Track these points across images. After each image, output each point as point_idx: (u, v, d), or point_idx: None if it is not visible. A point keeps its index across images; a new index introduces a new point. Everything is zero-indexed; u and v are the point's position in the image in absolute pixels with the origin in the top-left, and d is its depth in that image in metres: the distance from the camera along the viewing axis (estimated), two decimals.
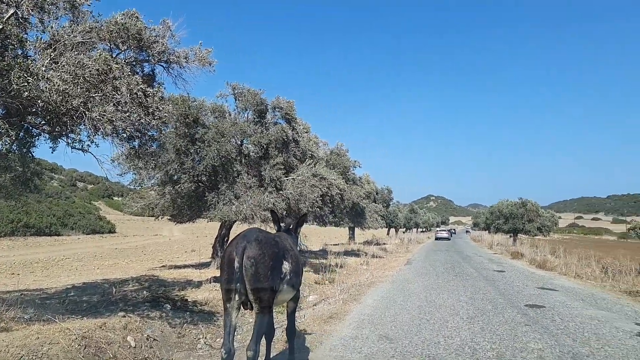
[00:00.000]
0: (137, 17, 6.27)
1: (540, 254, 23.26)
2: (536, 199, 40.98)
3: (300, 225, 5.55)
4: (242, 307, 4.20)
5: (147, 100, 6.01)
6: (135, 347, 5.44)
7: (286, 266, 4.31)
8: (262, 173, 11.96)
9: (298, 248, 5.34)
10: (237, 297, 3.99)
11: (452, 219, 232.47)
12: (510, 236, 40.22)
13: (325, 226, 23.74)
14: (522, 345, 6.22)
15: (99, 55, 5.55)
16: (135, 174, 10.72)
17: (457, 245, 42.87)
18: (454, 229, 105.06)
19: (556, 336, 6.80)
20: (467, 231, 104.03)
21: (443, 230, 70.05)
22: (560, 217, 62.29)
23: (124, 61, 6.26)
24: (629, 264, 16.21)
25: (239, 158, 11.82)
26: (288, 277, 4.33)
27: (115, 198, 76.06)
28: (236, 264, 3.89)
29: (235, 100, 12.56)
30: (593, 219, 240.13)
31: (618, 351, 6.04)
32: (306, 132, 15.64)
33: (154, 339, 5.92)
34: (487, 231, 51.46)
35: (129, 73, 5.98)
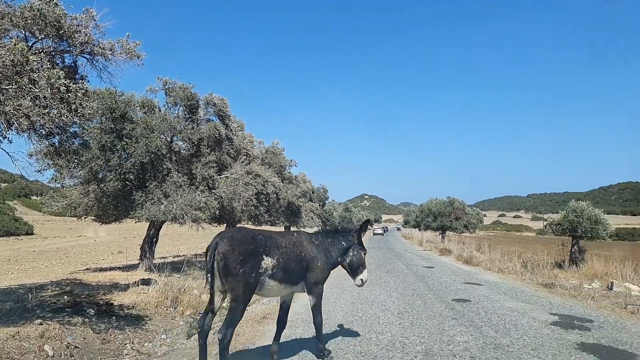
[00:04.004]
0: (56, 4, 5.85)
1: (466, 250, 24.43)
2: (463, 197, 42.94)
3: (363, 231, 6.01)
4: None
5: (69, 95, 5.62)
6: (53, 357, 5.10)
7: (267, 262, 4.65)
8: (194, 171, 11.63)
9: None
10: (213, 286, 4.53)
11: (384, 217, 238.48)
12: (439, 233, 41.80)
13: (261, 225, 23.51)
14: (449, 339, 6.47)
15: (15, 45, 5.13)
16: (55, 171, 10.05)
17: (389, 242, 43.97)
18: (387, 227, 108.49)
19: (480, 328, 7.14)
20: (398, 229, 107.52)
21: (379, 227, 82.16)
22: (485, 215, 65.59)
23: (42, 51, 5.83)
24: (546, 259, 17.40)
25: (168, 155, 11.41)
26: (271, 272, 4.69)
27: (34, 197, 71.27)
28: (208, 258, 4.46)
29: (166, 95, 12.14)
30: (515, 216, 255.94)
31: (535, 340, 6.45)
32: (240, 130, 15.43)
33: (75, 347, 5.59)
34: (417, 228, 53.22)
35: (49, 66, 5.59)
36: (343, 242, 5.82)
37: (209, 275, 4.45)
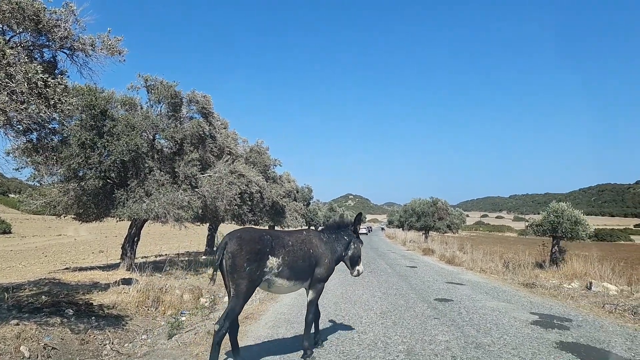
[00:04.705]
0: None
1: (449, 250, 24.59)
2: (446, 198, 43.34)
3: (357, 224, 6.31)
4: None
5: (47, 90, 5.50)
6: (29, 358, 4.99)
7: (272, 261, 4.90)
8: (176, 169, 11.49)
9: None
10: (227, 284, 4.79)
11: (368, 216, 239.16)
12: (423, 233, 42.03)
13: (244, 225, 23.41)
14: (430, 338, 6.49)
15: None
16: (34, 169, 9.82)
17: (373, 242, 44.07)
18: (371, 227, 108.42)
19: (462, 328, 7.18)
20: (382, 228, 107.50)
21: (363, 227, 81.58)
22: (467, 215, 66.33)
23: (20, 45, 5.70)
24: (527, 259, 17.62)
25: (150, 153, 11.23)
26: (276, 270, 4.94)
27: (12, 195, 69.92)
28: (217, 256, 4.70)
29: (148, 92, 11.95)
30: (497, 217, 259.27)
31: (515, 339, 6.51)
32: (224, 128, 15.33)
33: (53, 348, 5.47)
34: (401, 228, 53.47)
35: (26, 60, 5.46)
36: (345, 237, 6.12)
37: (215, 272, 4.75)
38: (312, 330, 5.73)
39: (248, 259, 4.65)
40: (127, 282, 9.49)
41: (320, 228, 6.39)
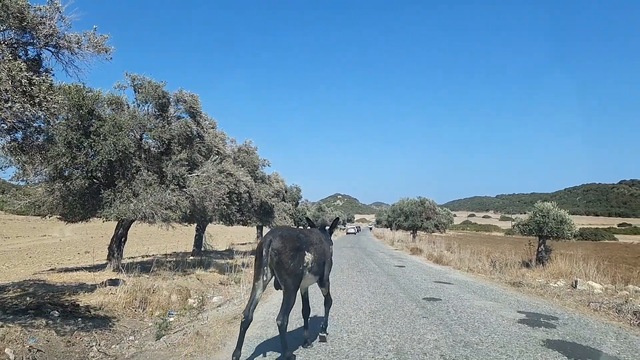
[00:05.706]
0: None
1: (437, 250, 24.76)
2: (434, 197, 43.67)
3: (334, 227, 6.83)
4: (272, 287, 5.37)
5: (32, 88, 5.41)
6: None
7: (308, 257, 5.26)
8: (164, 169, 11.38)
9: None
10: (263, 279, 4.99)
11: (357, 216, 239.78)
12: (411, 233, 42.24)
13: (232, 225, 23.26)
14: (419, 337, 6.52)
15: None
16: (18, 168, 9.64)
17: (361, 242, 44.19)
18: (359, 226, 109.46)
19: (450, 327, 7.22)
20: (370, 228, 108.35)
21: (351, 227, 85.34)
22: (455, 215, 66.95)
23: (4, 42, 5.60)
24: (513, 258, 17.80)
25: (138, 153, 11.11)
26: (310, 266, 5.30)
27: None
28: (264, 253, 4.92)
29: (135, 92, 11.78)
30: (484, 216, 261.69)
31: (503, 337, 6.57)
32: (212, 128, 15.24)
33: (38, 350, 5.39)
34: (389, 228, 53.69)
35: (10, 57, 5.37)
36: (330, 238, 6.51)
37: (266, 268, 4.94)
38: (309, 323, 6.20)
39: (292, 256, 4.98)
40: (114, 282, 9.38)
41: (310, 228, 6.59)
